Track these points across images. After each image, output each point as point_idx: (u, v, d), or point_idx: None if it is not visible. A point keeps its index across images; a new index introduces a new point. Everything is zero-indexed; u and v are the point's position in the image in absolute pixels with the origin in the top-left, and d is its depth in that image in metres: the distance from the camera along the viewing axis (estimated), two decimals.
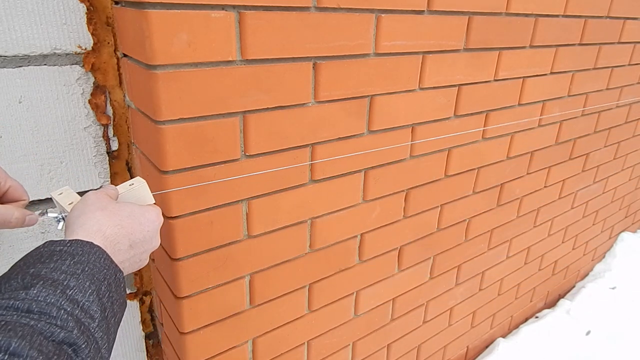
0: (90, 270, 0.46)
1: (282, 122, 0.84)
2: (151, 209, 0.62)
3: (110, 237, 0.52)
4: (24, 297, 0.40)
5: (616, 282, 2.36)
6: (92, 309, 0.44)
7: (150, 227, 0.59)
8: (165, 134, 0.72)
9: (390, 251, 1.22)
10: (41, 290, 0.41)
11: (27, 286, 0.41)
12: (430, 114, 1.11)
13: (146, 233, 0.58)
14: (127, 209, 0.57)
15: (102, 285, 0.46)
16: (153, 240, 0.60)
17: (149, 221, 0.59)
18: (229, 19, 0.71)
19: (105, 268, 0.48)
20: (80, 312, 0.42)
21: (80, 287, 0.43)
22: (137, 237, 0.56)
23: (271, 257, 0.96)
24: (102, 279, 0.46)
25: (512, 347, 1.89)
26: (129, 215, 0.56)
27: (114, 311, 0.48)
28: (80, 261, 0.45)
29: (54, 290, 0.41)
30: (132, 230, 0.55)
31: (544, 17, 1.25)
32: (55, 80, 0.79)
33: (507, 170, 1.46)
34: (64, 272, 0.44)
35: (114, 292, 0.48)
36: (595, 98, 1.68)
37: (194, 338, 0.91)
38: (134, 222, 0.56)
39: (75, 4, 0.77)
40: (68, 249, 0.46)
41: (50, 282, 0.42)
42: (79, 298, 0.43)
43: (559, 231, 1.97)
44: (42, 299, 0.40)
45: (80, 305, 0.43)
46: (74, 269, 0.44)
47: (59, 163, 0.84)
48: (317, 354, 1.18)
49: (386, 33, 0.91)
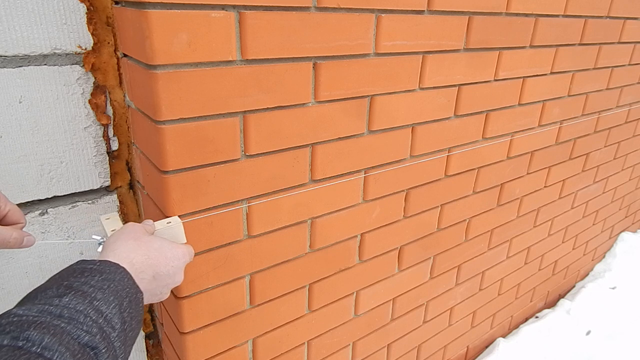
0: (115, 287, 0.52)
1: (282, 122, 0.84)
2: (181, 246, 0.68)
3: (137, 264, 0.58)
4: (57, 303, 0.46)
5: (616, 282, 2.36)
6: (113, 320, 0.49)
7: (175, 263, 0.64)
8: (165, 134, 0.72)
9: (390, 251, 1.22)
10: (72, 299, 0.47)
11: (61, 295, 0.48)
12: (430, 114, 1.11)
13: (170, 268, 0.63)
14: (158, 243, 0.64)
15: (124, 301, 0.52)
16: (176, 276, 0.65)
17: (175, 257, 0.65)
18: (229, 19, 0.71)
19: (127, 287, 0.54)
20: (104, 321, 0.48)
21: (105, 299, 0.50)
22: (161, 270, 0.62)
23: (271, 257, 0.96)
24: (125, 295, 0.53)
25: (512, 347, 1.89)
26: (157, 249, 0.63)
27: (132, 326, 0.53)
28: (107, 278, 0.52)
29: (82, 300, 0.48)
30: (157, 263, 0.61)
31: (544, 17, 1.25)
32: (55, 80, 0.79)
33: (507, 170, 1.46)
34: (93, 286, 0.50)
35: (133, 309, 0.53)
36: (596, 98, 1.68)
37: (194, 338, 0.91)
38: (161, 255, 0.62)
39: (75, 4, 0.77)
40: (97, 268, 0.53)
41: (80, 293, 0.48)
42: (104, 309, 0.49)
43: (559, 231, 1.97)
44: (72, 306, 0.47)
45: (104, 316, 0.49)
46: (101, 284, 0.51)
47: (59, 163, 0.84)
48: (317, 354, 1.18)
49: (386, 33, 0.91)
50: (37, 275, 0.88)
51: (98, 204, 0.91)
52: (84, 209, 0.89)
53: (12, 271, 0.86)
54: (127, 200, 0.96)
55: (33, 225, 0.85)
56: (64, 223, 0.88)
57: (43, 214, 0.85)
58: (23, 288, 0.88)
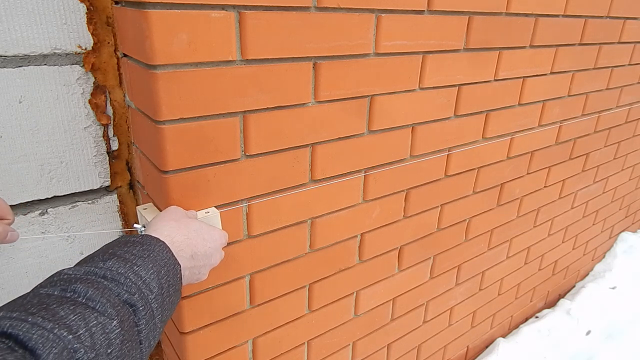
0: (155, 257, 0.57)
1: (282, 122, 0.84)
2: (217, 229, 0.72)
3: (177, 243, 0.62)
4: (102, 266, 0.52)
5: (616, 282, 2.36)
6: (151, 285, 0.54)
7: (212, 244, 0.69)
8: (165, 134, 0.72)
9: (390, 251, 1.22)
10: (115, 263, 0.53)
11: (105, 259, 0.53)
12: (430, 114, 1.11)
13: (207, 248, 0.67)
14: (196, 225, 0.68)
15: (162, 270, 0.57)
16: (213, 257, 0.69)
17: (212, 238, 0.69)
18: (229, 19, 0.71)
19: (166, 258, 0.59)
20: (142, 284, 0.53)
21: (144, 266, 0.55)
22: (199, 249, 0.66)
23: (271, 257, 0.96)
24: (163, 265, 0.57)
25: (512, 347, 1.89)
26: (196, 230, 0.67)
27: (169, 292, 0.58)
28: (147, 249, 0.57)
29: (124, 264, 0.53)
30: (195, 243, 0.65)
31: (544, 17, 1.25)
32: (55, 80, 0.79)
33: (507, 170, 1.46)
34: (134, 254, 0.55)
35: (171, 278, 0.58)
36: (596, 98, 1.68)
37: (194, 338, 0.91)
38: (199, 236, 0.67)
39: (75, 4, 0.77)
40: (139, 240, 0.58)
41: (122, 259, 0.54)
42: (142, 274, 0.54)
43: (559, 231, 1.97)
44: (115, 269, 0.52)
45: (143, 279, 0.54)
46: (142, 253, 0.56)
47: (59, 163, 0.84)
48: (317, 354, 1.18)
49: (386, 33, 0.91)
50: (37, 275, 0.88)
51: (98, 204, 0.91)
52: (84, 209, 0.89)
53: (12, 271, 0.86)
54: (127, 200, 0.96)
55: (33, 225, 0.85)
56: (64, 223, 0.88)
57: (43, 214, 0.85)
58: (23, 288, 0.88)
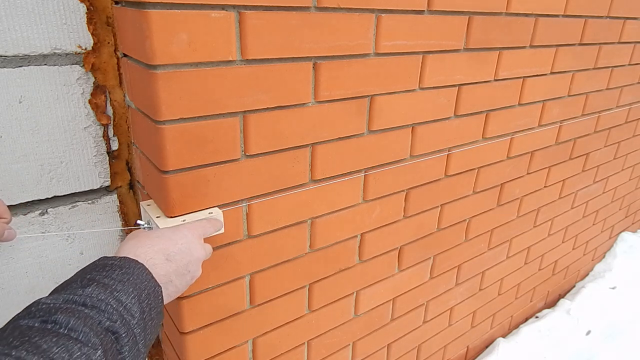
0: (134, 280, 0.56)
1: (282, 122, 0.84)
2: (182, 225, 0.71)
3: (141, 255, 0.61)
4: (81, 293, 0.51)
5: (616, 282, 2.36)
6: (133, 309, 0.53)
7: (184, 240, 0.67)
8: (165, 134, 0.72)
9: (390, 251, 1.22)
10: (94, 289, 0.52)
11: (84, 286, 0.52)
12: (430, 114, 1.11)
13: (181, 245, 0.66)
14: (158, 232, 0.67)
15: (142, 293, 0.56)
16: (192, 252, 0.67)
17: (180, 235, 0.68)
18: (229, 19, 0.71)
19: (146, 281, 0.57)
20: (124, 309, 0.52)
21: (124, 290, 0.54)
22: (171, 249, 0.65)
23: (271, 257, 0.96)
24: (143, 288, 0.56)
25: (512, 347, 1.89)
26: (159, 236, 0.66)
27: (152, 316, 0.57)
28: (127, 272, 0.56)
29: (104, 290, 0.52)
30: (165, 246, 0.64)
31: (544, 17, 1.25)
32: (55, 80, 0.79)
33: (507, 170, 1.46)
34: (113, 278, 0.54)
35: (152, 301, 0.57)
36: (596, 98, 1.68)
37: (194, 338, 0.91)
38: (164, 239, 0.66)
39: (75, 4, 0.77)
40: (118, 263, 0.57)
41: (102, 285, 0.53)
42: (123, 299, 0.53)
43: (559, 231, 1.97)
44: (95, 295, 0.51)
45: (124, 305, 0.52)
46: (121, 277, 0.55)
47: (59, 163, 0.84)
48: (317, 354, 1.18)
49: (386, 33, 0.91)
50: (37, 275, 0.88)
51: (98, 204, 0.91)
52: (84, 209, 0.89)
53: (12, 271, 0.86)
54: (127, 200, 0.96)
55: (33, 225, 0.85)
56: (64, 223, 0.88)
57: (43, 214, 0.85)
58: (23, 288, 0.88)
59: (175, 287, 0.64)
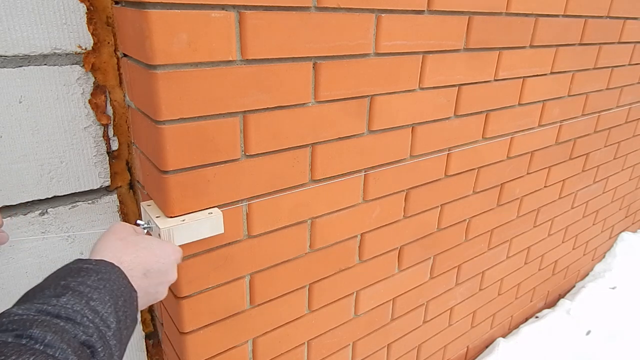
0: (111, 286, 0.53)
1: (282, 122, 0.84)
2: (169, 244, 0.68)
3: (124, 263, 0.58)
4: (55, 303, 0.47)
5: (616, 282, 2.36)
6: (109, 320, 0.51)
7: (166, 260, 0.64)
8: (165, 134, 0.72)
9: (390, 251, 1.22)
10: (70, 299, 0.48)
11: (58, 295, 0.49)
12: (430, 114, 1.11)
13: (161, 265, 0.63)
14: (146, 242, 0.64)
15: (119, 300, 0.53)
16: (169, 274, 0.65)
17: (165, 254, 0.64)
18: (229, 19, 0.71)
19: (122, 286, 0.55)
20: (100, 320, 0.50)
21: (101, 299, 0.51)
22: (152, 266, 0.62)
23: (271, 257, 0.96)
24: (120, 295, 0.54)
25: (512, 347, 1.89)
26: (145, 247, 0.63)
27: (127, 324, 0.54)
28: (103, 278, 0.53)
29: (79, 300, 0.49)
30: (147, 260, 0.61)
31: (544, 17, 1.25)
32: (55, 80, 0.79)
33: (507, 170, 1.46)
34: (89, 286, 0.51)
35: (128, 308, 0.55)
36: (596, 98, 1.68)
37: (194, 338, 0.91)
38: (150, 253, 0.62)
39: (75, 4, 0.77)
40: (94, 267, 0.54)
41: (77, 293, 0.50)
42: (100, 309, 0.50)
43: (559, 231, 1.97)
44: (70, 306, 0.48)
45: (100, 316, 0.50)
46: (97, 284, 0.52)
47: (59, 163, 0.84)
48: (317, 354, 1.18)
49: (386, 33, 0.91)
50: (37, 275, 0.88)
51: (98, 204, 0.91)
52: (84, 209, 0.89)
53: (12, 271, 0.86)
54: (127, 200, 0.96)
55: (33, 225, 0.85)
56: (64, 223, 0.88)
57: (43, 214, 0.85)
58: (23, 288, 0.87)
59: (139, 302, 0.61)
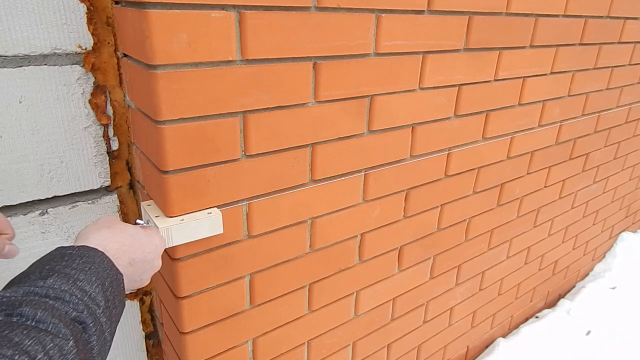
0: (96, 268, 0.53)
1: (282, 122, 0.84)
2: (156, 236, 0.69)
3: (110, 251, 0.58)
4: (42, 284, 0.48)
5: (616, 282, 2.36)
6: (97, 298, 0.51)
7: (151, 249, 0.65)
8: (165, 134, 0.72)
9: (390, 251, 1.22)
10: (56, 280, 0.49)
11: (44, 277, 0.49)
12: (431, 114, 1.11)
13: (147, 254, 0.64)
14: (132, 231, 0.64)
15: (105, 281, 0.54)
16: (154, 262, 0.66)
17: (150, 243, 0.65)
18: (229, 19, 0.71)
19: (108, 268, 0.55)
20: (88, 299, 0.50)
21: (88, 280, 0.51)
22: (137, 256, 0.62)
23: (271, 257, 0.96)
24: (106, 276, 0.54)
25: (512, 347, 1.89)
26: (131, 235, 0.63)
27: (115, 304, 0.55)
28: (88, 261, 0.53)
29: (67, 280, 0.49)
30: (132, 249, 0.62)
31: (544, 17, 1.25)
32: (55, 80, 0.79)
33: (507, 170, 1.46)
34: (74, 268, 0.52)
35: (115, 289, 0.55)
36: (596, 98, 1.68)
37: (194, 338, 0.91)
38: (136, 242, 0.63)
39: (75, 4, 0.77)
40: (77, 252, 0.54)
41: (63, 275, 0.50)
42: (87, 288, 0.51)
43: (559, 231, 1.97)
44: (57, 286, 0.48)
45: (88, 294, 0.50)
46: (83, 266, 0.52)
47: (59, 163, 0.84)
48: (317, 354, 1.18)
49: (386, 33, 0.91)
50: None
51: (98, 204, 0.91)
52: (84, 209, 0.89)
53: (12, 271, 0.85)
54: (127, 200, 0.96)
55: (33, 225, 0.85)
56: (64, 223, 0.88)
57: (43, 214, 0.85)
58: None
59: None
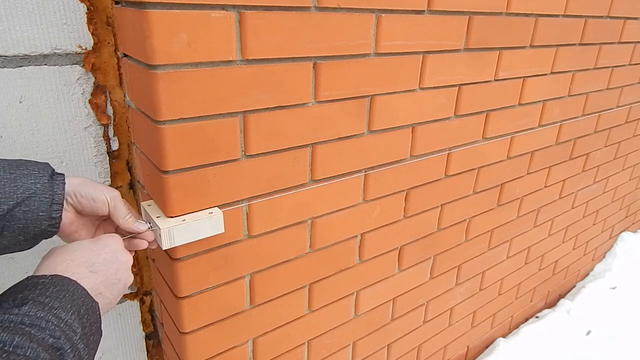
0: (71, 296, 0.53)
1: (282, 122, 0.84)
2: (103, 236, 0.67)
3: (62, 272, 0.57)
4: (17, 312, 0.47)
5: (616, 282, 2.36)
6: (74, 325, 0.51)
7: (107, 249, 0.64)
8: (165, 134, 0.72)
9: (390, 251, 1.22)
10: (31, 307, 0.48)
11: (19, 305, 0.48)
12: (431, 114, 1.11)
13: (105, 254, 0.63)
14: (75, 245, 0.63)
15: (80, 309, 0.53)
16: (119, 258, 0.65)
17: (102, 245, 0.64)
18: (229, 19, 0.71)
19: (82, 296, 0.55)
20: (65, 325, 0.50)
21: (63, 307, 0.51)
22: (94, 260, 0.61)
23: (271, 257, 0.96)
24: (81, 303, 0.54)
25: (512, 347, 1.89)
26: (77, 249, 0.62)
27: (92, 331, 0.55)
28: (62, 289, 0.53)
29: (42, 308, 0.49)
30: (86, 258, 0.61)
31: (544, 17, 1.25)
32: (55, 80, 0.79)
33: (507, 170, 1.46)
34: (48, 296, 0.51)
35: (91, 316, 0.55)
36: (596, 98, 1.68)
37: (194, 338, 0.91)
38: (85, 250, 0.62)
39: (75, 4, 0.77)
40: (50, 281, 0.54)
41: (38, 302, 0.49)
42: (63, 316, 0.50)
43: (559, 231, 1.97)
44: (33, 314, 0.48)
45: (65, 321, 0.50)
46: (57, 294, 0.52)
47: (60, 163, 0.84)
48: (317, 354, 1.18)
49: (386, 33, 0.91)
50: None
51: None
52: None
53: (12, 271, 0.86)
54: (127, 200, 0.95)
55: None
56: None
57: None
58: None
59: (107, 298, 0.61)
